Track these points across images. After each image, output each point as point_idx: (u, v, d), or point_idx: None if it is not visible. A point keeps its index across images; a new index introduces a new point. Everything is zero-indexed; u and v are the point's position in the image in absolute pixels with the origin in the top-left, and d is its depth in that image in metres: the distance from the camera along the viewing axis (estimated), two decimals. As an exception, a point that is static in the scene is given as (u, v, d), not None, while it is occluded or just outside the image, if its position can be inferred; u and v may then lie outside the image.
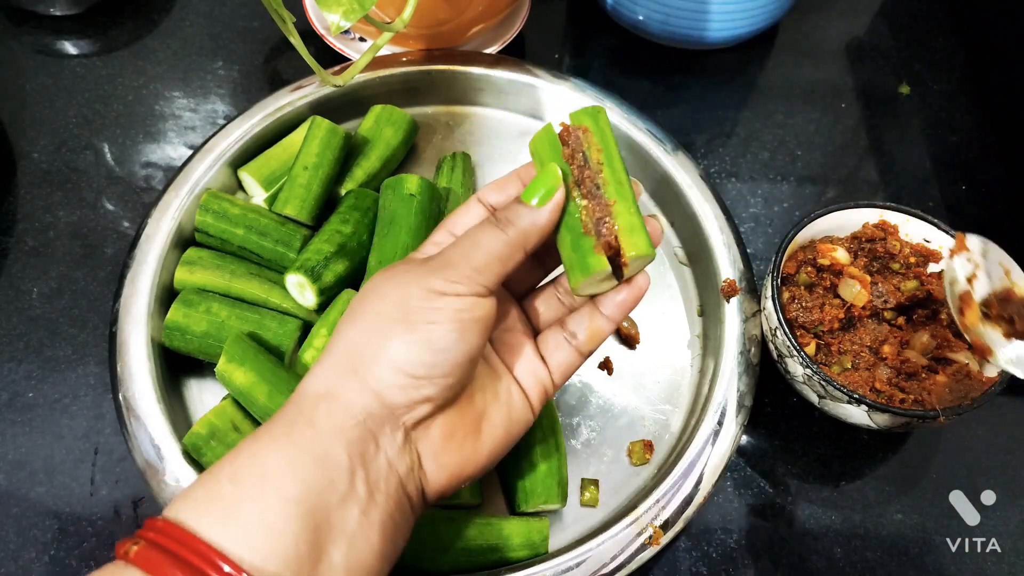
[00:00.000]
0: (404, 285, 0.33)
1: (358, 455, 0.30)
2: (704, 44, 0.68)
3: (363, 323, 0.32)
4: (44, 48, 0.66)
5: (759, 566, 0.46)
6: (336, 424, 0.30)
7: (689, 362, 0.52)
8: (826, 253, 0.48)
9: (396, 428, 0.31)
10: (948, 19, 0.74)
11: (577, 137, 0.37)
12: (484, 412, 0.35)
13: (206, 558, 0.25)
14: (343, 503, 0.29)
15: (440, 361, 0.31)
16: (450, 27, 0.59)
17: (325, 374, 0.32)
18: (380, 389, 0.31)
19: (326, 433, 0.29)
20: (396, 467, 0.31)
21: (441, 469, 0.33)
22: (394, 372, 0.31)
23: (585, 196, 0.35)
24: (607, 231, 0.34)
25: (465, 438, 0.34)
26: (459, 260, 0.33)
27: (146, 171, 0.59)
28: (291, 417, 0.30)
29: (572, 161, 0.36)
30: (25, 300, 0.53)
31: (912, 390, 0.44)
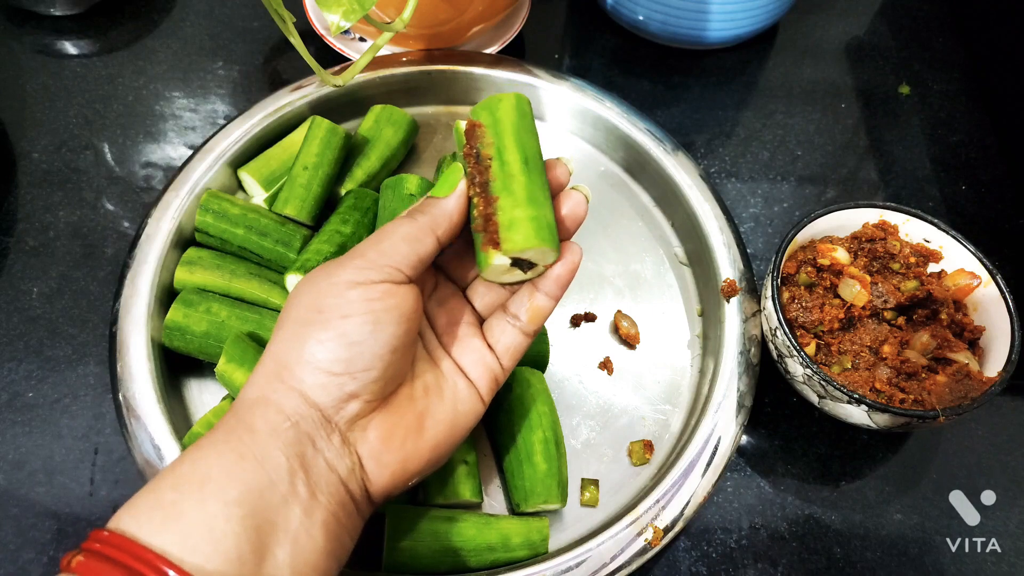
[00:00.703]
0: (316, 283, 0.33)
1: (296, 456, 0.30)
2: (704, 44, 0.68)
3: (284, 329, 0.33)
4: (44, 48, 0.66)
5: (759, 566, 0.46)
6: (271, 427, 0.30)
7: (689, 362, 0.52)
8: (826, 253, 0.48)
9: (331, 431, 0.32)
10: (948, 19, 0.74)
11: (474, 134, 0.37)
12: (426, 410, 0.35)
13: (148, 563, 0.26)
14: (285, 503, 0.29)
15: (357, 355, 0.32)
16: (450, 27, 0.59)
17: (258, 382, 0.32)
18: (304, 390, 0.31)
19: (263, 436, 0.30)
20: (336, 468, 0.31)
21: (383, 469, 0.33)
22: (313, 372, 0.31)
23: (478, 194, 0.36)
24: (492, 227, 0.35)
25: (406, 438, 0.34)
26: (368, 248, 0.34)
27: (146, 171, 0.59)
28: (230, 425, 0.31)
29: (469, 159, 0.36)
30: (25, 300, 0.53)
31: (912, 390, 0.44)
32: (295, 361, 0.32)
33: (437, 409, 0.36)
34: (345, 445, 0.32)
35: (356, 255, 0.34)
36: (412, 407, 0.35)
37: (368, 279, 0.33)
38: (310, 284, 0.34)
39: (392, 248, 0.34)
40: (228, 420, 0.31)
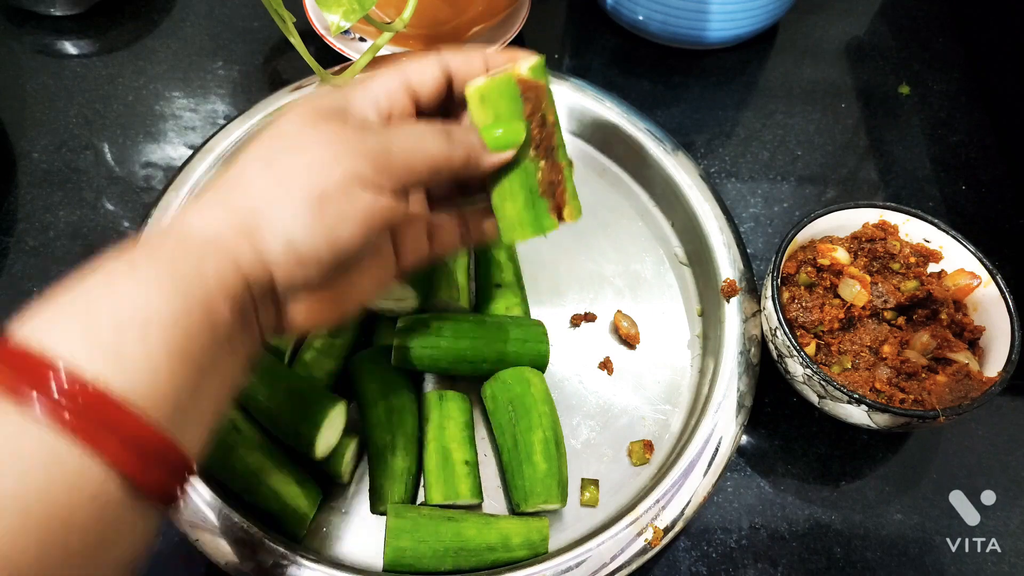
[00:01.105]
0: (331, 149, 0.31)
1: (239, 313, 0.30)
2: (704, 44, 0.68)
3: (271, 172, 0.31)
4: (44, 48, 0.66)
5: (759, 566, 0.46)
6: (225, 282, 0.29)
7: (689, 362, 0.52)
8: (826, 253, 0.48)
9: (272, 297, 0.32)
10: (948, 19, 0.74)
11: (537, 94, 0.37)
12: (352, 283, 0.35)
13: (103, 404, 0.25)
14: (222, 348, 0.29)
15: (334, 255, 0.31)
16: (450, 27, 0.59)
17: (215, 215, 0.30)
18: (269, 262, 0.30)
19: (215, 290, 0.29)
20: (263, 326, 0.32)
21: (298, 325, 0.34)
22: (286, 250, 0.30)
23: (543, 156, 0.36)
24: (558, 195, 0.37)
25: (331, 308, 0.34)
26: (399, 155, 0.32)
27: (146, 171, 0.59)
28: (176, 258, 0.29)
29: (532, 119, 0.37)
30: (25, 300, 0.53)
31: (912, 390, 0.44)
32: (270, 224, 0.30)
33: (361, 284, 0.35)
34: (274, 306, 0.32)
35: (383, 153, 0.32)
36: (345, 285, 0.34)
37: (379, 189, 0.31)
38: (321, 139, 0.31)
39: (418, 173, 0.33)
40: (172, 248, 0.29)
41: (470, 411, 0.47)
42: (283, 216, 0.30)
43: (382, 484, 0.44)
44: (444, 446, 0.44)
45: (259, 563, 0.40)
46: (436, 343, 0.45)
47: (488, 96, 0.36)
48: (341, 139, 0.31)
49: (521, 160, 0.36)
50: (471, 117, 0.37)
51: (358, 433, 0.45)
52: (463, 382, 0.49)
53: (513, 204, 0.37)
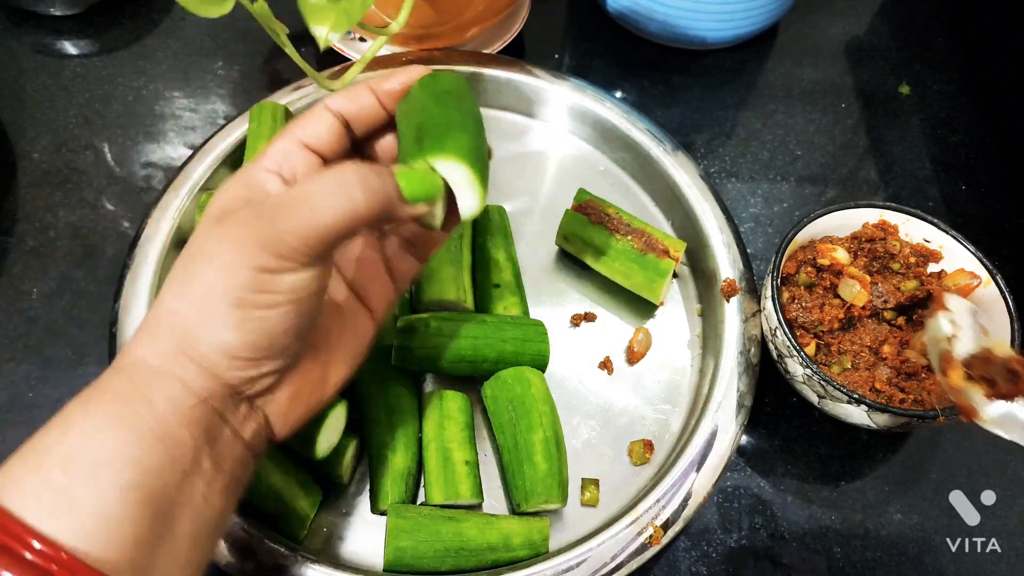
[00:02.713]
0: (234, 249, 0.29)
1: (202, 432, 0.29)
2: (704, 44, 0.68)
3: (191, 294, 0.30)
4: (44, 48, 0.66)
5: (759, 566, 0.46)
6: (176, 405, 0.29)
7: (689, 362, 0.52)
8: (826, 253, 0.48)
9: (240, 401, 0.31)
10: (948, 19, 0.74)
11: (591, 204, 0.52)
12: (330, 359, 0.35)
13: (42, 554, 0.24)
14: (186, 479, 0.28)
15: (277, 342, 0.31)
16: (450, 27, 0.59)
17: (154, 346, 0.30)
18: (218, 372, 0.30)
19: (167, 414, 0.28)
20: (242, 434, 0.31)
21: (287, 423, 0.33)
22: (229, 358, 0.30)
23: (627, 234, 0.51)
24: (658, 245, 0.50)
25: (312, 392, 0.34)
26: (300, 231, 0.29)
27: (146, 171, 0.59)
28: (124, 392, 0.29)
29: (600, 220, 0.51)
30: (25, 300, 0.53)
31: (912, 390, 0.44)
32: (205, 341, 0.29)
33: (339, 354, 0.35)
34: (253, 411, 0.32)
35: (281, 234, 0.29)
36: (317, 361, 0.34)
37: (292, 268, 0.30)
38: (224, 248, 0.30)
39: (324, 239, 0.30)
40: (120, 383, 0.29)
41: (470, 411, 0.47)
42: (212, 327, 0.29)
43: (382, 484, 0.44)
44: (444, 446, 0.44)
45: (259, 563, 0.40)
46: (436, 343, 0.45)
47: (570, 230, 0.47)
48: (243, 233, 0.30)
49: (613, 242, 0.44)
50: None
51: (358, 433, 0.45)
52: (463, 382, 0.49)
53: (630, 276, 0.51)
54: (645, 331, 0.52)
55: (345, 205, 0.30)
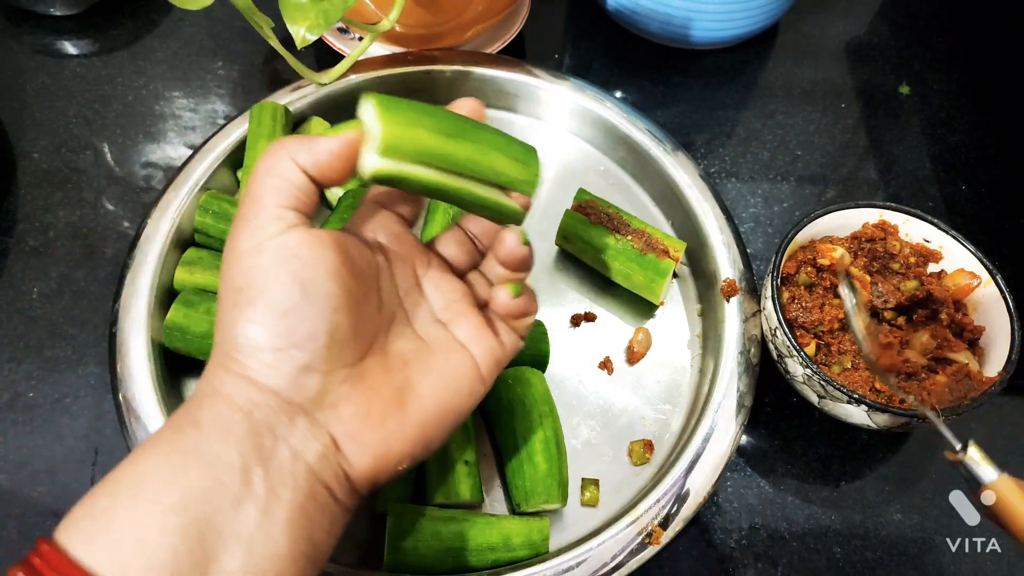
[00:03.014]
0: (225, 260, 0.30)
1: (252, 450, 0.27)
2: (704, 44, 0.68)
3: (219, 314, 0.30)
4: (44, 48, 0.66)
5: (759, 566, 0.46)
6: (221, 422, 0.27)
7: (689, 362, 0.52)
8: (826, 253, 0.48)
9: (295, 413, 0.29)
10: (948, 19, 0.74)
11: (591, 204, 0.52)
12: (407, 384, 0.32)
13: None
14: (236, 505, 0.26)
15: (295, 323, 0.29)
16: (450, 27, 0.59)
17: (207, 374, 0.29)
18: (251, 376, 0.28)
19: (212, 433, 0.27)
20: (303, 455, 0.28)
21: (364, 449, 0.30)
22: (254, 354, 0.28)
23: (627, 234, 0.50)
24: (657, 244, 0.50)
25: (386, 414, 0.31)
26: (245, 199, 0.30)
27: (146, 171, 0.59)
28: (178, 422, 0.28)
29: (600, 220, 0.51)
30: (25, 300, 0.53)
31: (912, 390, 0.44)
32: (233, 348, 0.29)
33: (421, 383, 0.33)
34: (313, 427, 0.29)
35: (239, 217, 0.30)
36: (388, 380, 0.32)
37: (269, 233, 0.29)
38: (225, 258, 0.30)
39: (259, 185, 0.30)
40: (177, 416, 0.29)
41: (470, 411, 0.47)
42: (233, 329, 0.29)
43: (382, 484, 0.44)
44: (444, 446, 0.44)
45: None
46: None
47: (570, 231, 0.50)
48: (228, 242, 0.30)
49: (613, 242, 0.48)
50: None
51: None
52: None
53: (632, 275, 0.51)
54: (645, 331, 0.52)
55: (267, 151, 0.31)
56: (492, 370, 0.36)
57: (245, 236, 0.30)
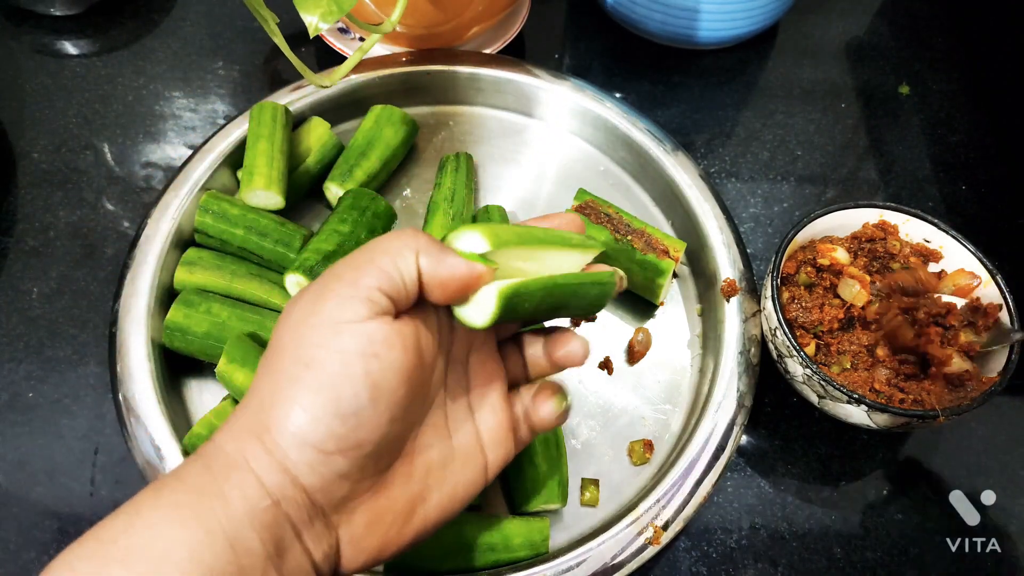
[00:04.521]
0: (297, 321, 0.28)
1: (272, 541, 0.26)
2: (704, 44, 0.68)
3: (267, 376, 0.28)
4: (44, 48, 0.66)
5: (759, 566, 0.46)
6: (250, 504, 0.26)
7: (689, 362, 0.52)
8: (826, 253, 0.48)
9: (315, 514, 0.28)
10: (948, 19, 0.74)
11: (591, 204, 0.51)
12: (422, 494, 0.31)
13: None
14: None
15: (351, 429, 0.27)
16: (450, 27, 0.59)
17: (238, 433, 0.28)
18: (289, 467, 0.27)
19: (238, 513, 0.26)
20: (312, 553, 0.28)
21: (359, 554, 0.29)
22: (300, 447, 0.27)
23: (627, 234, 0.50)
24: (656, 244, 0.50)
25: (392, 524, 0.30)
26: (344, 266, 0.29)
27: (146, 171, 0.59)
28: (200, 482, 0.26)
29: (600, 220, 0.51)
30: (25, 300, 0.53)
31: (912, 390, 0.44)
32: (278, 428, 0.27)
33: (434, 494, 0.32)
34: (327, 529, 0.28)
35: (333, 276, 0.29)
36: (406, 489, 0.30)
37: (356, 315, 0.27)
38: (290, 321, 0.29)
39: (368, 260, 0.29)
40: (197, 472, 0.27)
41: (470, 411, 0.47)
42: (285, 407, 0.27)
43: (382, 484, 0.44)
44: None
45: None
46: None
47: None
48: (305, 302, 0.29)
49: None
50: None
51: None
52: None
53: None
54: (645, 331, 0.52)
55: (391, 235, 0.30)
56: (497, 472, 0.35)
57: (332, 304, 0.28)
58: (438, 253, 0.29)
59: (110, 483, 0.46)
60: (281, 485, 0.27)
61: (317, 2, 0.46)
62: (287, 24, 0.52)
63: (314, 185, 0.56)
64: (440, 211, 0.53)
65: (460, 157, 0.56)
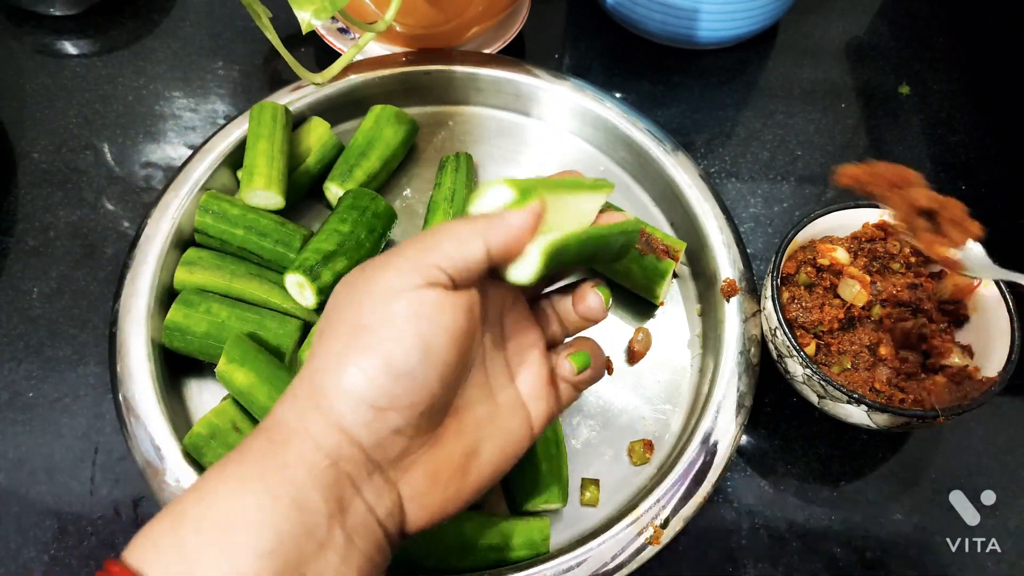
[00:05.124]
0: (355, 290, 0.30)
1: (335, 499, 0.27)
2: (704, 44, 0.68)
3: (322, 344, 0.30)
4: (44, 48, 0.66)
5: (759, 566, 0.46)
6: (309, 465, 0.27)
7: (689, 362, 0.52)
8: (826, 253, 0.48)
9: (372, 470, 0.29)
10: (948, 19, 0.74)
11: None
12: (475, 448, 0.32)
13: None
14: (321, 551, 0.26)
15: (405, 387, 0.28)
16: (450, 27, 0.59)
17: (295, 403, 0.29)
18: (345, 427, 0.28)
19: (300, 476, 0.27)
20: (375, 510, 0.29)
21: (422, 511, 0.30)
22: (354, 406, 0.28)
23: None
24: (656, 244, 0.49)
25: (451, 479, 0.31)
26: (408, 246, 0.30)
27: (146, 171, 0.59)
28: (263, 452, 0.28)
29: None
30: (25, 300, 0.53)
31: (912, 390, 0.44)
32: (334, 390, 0.28)
33: (486, 447, 0.32)
34: (387, 484, 0.29)
35: (396, 253, 0.30)
36: (460, 443, 0.31)
37: (412, 284, 0.29)
38: (348, 291, 0.30)
39: (434, 244, 0.30)
40: (259, 444, 0.28)
41: (470, 411, 0.47)
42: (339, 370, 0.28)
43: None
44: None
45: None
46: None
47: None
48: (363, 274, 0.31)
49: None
50: None
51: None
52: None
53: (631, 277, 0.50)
54: (645, 331, 0.52)
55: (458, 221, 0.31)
56: (543, 427, 0.35)
57: (391, 275, 0.29)
58: (499, 223, 0.30)
59: (110, 482, 0.46)
60: (338, 445, 0.28)
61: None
62: (286, 24, 0.52)
63: (314, 185, 0.56)
64: (440, 211, 0.53)
65: (460, 157, 0.56)
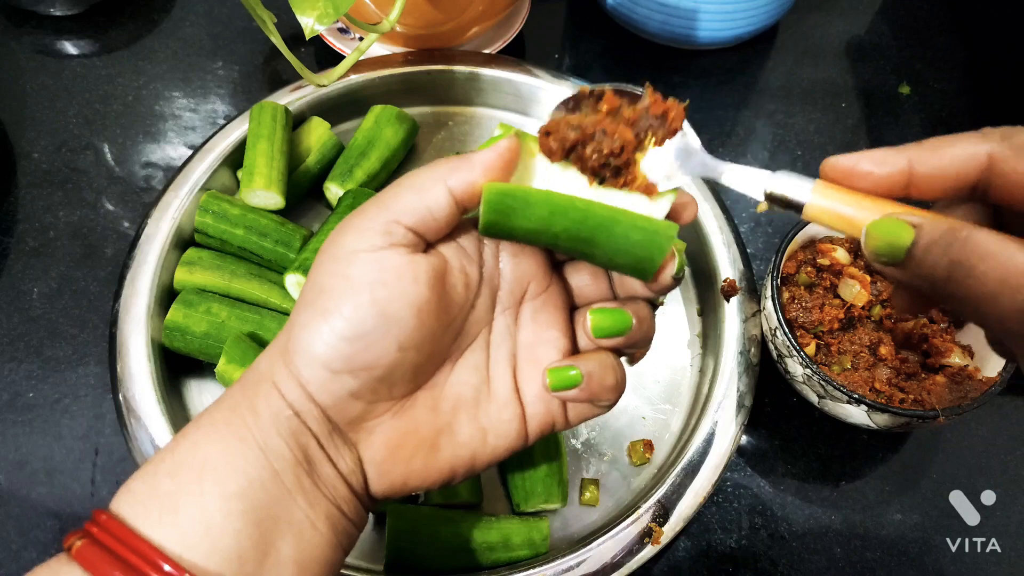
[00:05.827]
0: (324, 250, 0.29)
1: (299, 447, 0.28)
2: (704, 44, 0.68)
3: (299, 299, 0.30)
4: (44, 48, 0.66)
5: (759, 566, 0.46)
6: (274, 412, 0.28)
7: (689, 362, 0.52)
8: (826, 253, 0.48)
9: (332, 429, 0.29)
10: (948, 19, 0.74)
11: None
12: (448, 427, 0.31)
13: (147, 558, 0.25)
14: (288, 495, 0.27)
15: (358, 351, 0.28)
16: (450, 27, 0.59)
17: (270, 354, 0.30)
18: (303, 383, 0.28)
19: (266, 420, 0.28)
20: (337, 464, 0.29)
21: (382, 477, 0.30)
22: (310, 365, 0.28)
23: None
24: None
25: (415, 453, 0.30)
26: (370, 202, 0.29)
27: (146, 171, 0.59)
28: (235, 400, 0.29)
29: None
30: (25, 300, 0.53)
31: (912, 390, 0.44)
32: (294, 348, 0.28)
33: (462, 430, 0.31)
34: (346, 444, 0.29)
35: (359, 212, 0.29)
36: (432, 420, 0.30)
37: (371, 245, 0.28)
38: (320, 252, 0.30)
39: (395, 197, 0.29)
40: (233, 394, 0.29)
41: (470, 411, 0.47)
42: (301, 329, 0.28)
43: (382, 484, 0.44)
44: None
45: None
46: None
47: None
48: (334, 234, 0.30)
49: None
50: None
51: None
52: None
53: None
54: None
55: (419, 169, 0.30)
56: (540, 433, 0.33)
57: (352, 236, 0.29)
58: (462, 163, 0.29)
59: (110, 483, 0.46)
60: (300, 399, 0.28)
61: (313, 4, 0.46)
62: (287, 24, 0.52)
63: (314, 185, 0.56)
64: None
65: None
